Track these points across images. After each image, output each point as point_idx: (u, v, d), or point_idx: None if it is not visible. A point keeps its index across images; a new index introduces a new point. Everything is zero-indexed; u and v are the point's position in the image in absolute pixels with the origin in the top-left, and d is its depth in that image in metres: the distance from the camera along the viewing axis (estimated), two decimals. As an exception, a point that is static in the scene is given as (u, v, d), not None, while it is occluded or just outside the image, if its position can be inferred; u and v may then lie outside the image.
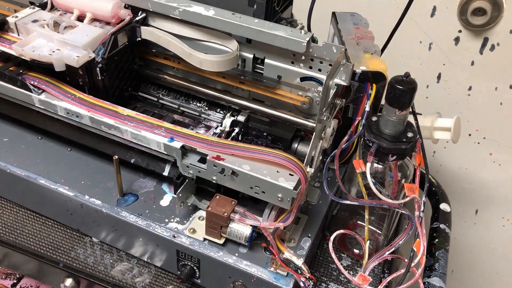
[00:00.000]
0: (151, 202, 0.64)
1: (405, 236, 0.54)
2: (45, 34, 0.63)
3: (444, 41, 0.96)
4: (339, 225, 0.69)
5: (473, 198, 1.14)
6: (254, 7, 0.65)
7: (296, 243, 0.60)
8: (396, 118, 0.55)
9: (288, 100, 0.64)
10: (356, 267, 0.66)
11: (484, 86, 0.99)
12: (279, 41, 0.59)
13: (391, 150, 0.55)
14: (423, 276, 0.65)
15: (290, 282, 0.55)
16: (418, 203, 0.54)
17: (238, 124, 0.66)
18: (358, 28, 0.72)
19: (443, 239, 0.70)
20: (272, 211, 0.56)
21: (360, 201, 0.57)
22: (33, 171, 0.66)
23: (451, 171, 1.11)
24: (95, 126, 0.61)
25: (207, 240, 0.59)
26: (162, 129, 0.58)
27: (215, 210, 0.56)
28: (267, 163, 0.54)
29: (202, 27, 0.64)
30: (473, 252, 1.23)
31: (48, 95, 0.62)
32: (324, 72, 0.62)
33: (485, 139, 1.05)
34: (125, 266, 0.64)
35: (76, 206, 0.63)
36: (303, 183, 0.52)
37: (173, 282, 0.63)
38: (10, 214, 0.70)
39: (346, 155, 0.69)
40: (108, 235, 0.65)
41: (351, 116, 0.66)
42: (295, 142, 0.64)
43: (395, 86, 0.53)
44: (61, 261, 0.64)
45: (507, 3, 0.88)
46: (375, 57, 0.65)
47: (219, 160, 0.54)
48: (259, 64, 0.66)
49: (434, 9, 0.94)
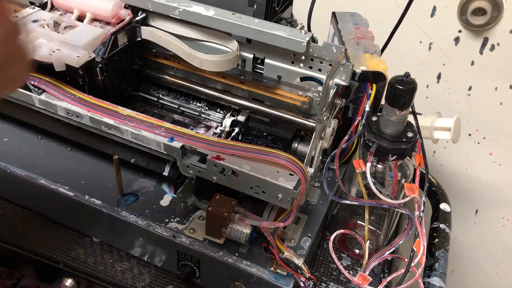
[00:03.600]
0: (151, 202, 0.64)
1: (405, 236, 0.54)
2: (45, 34, 0.63)
3: (444, 41, 0.96)
4: (339, 225, 0.69)
5: (473, 198, 1.13)
6: (254, 7, 0.65)
7: (296, 243, 0.60)
8: (396, 118, 0.55)
9: (288, 100, 0.64)
10: (356, 267, 0.66)
11: (484, 86, 0.99)
12: (279, 41, 0.59)
13: (391, 150, 0.55)
14: (423, 276, 0.65)
15: (290, 282, 0.55)
16: (418, 203, 0.54)
17: (238, 124, 0.66)
18: (358, 28, 0.72)
19: (443, 239, 0.70)
20: (272, 211, 0.56)
21: (360, 201, 0.57)
22: (33, 171, 0.66)
23: (451, 171, 1.11)
24: (95, 126, 0.61)
25: (207, 240, 0.59)
26: (162, 129, 0.58)
27: (215, 210, 0.56)
28: (267, 163, 0.54)
29: (202, 27, 0.64)
30: (473, 252, 1.23)
31: (48, 95, 0.62)
32: (324, 72, 0.62)
33: (485, 139, 1.05)
34: (125, 266, 0.64)
35: (76, 206, 0.63)
36: (303, 183, 0.52)
37: (173, 282, 0.63)
38: (10, 214, 0.70)
39: (346, 155, 0.69)
40: (108, 235, 0.65)
41: (351, 116, 0.66)
42: (295, 142, 0.64)
43: (395, 86, 0.53)
44: (61, 261, 0.64)
45: (507, 3, 0.88)
46: (375, 57, 0.65)
47: (219, 160, 0.54)
48: (259, 64, 0.66)
49: (434, 9, 0.94)
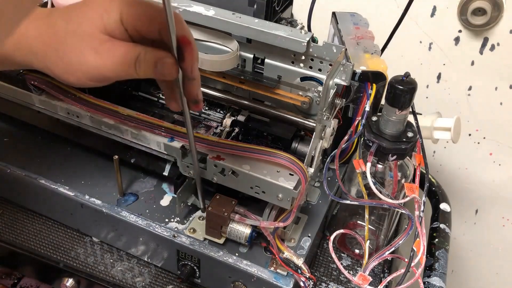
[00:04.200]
0: (151, 202, 0.64)
1: (405, 236, 0.54)
2: (45, 34, 0.63)
3: (444, 41, 0.96)
4: (339, 225, 0.69)
5: (473, 198, 1.14)
6: (254, 7, 0.65)
7: (296, 243, 0.60)
8: (396, 118, 0.55)
9: (288, 100, 0.64)
10: (356, 267, 0.66)
11: (484, 86, 0.99)
12: (279, 41, 0.59)
13: (391, 150, 0.55)
14: (423, 276, 0.65)
15: (290, 281, 0.55)
16: (418, 203, 0.54)
17: (238, 124, 0.66)
18: (358, 28, 0.72)
19: (443, 239, 0.70)
20: (272, 211, 0.56)
21: (360, 201, 0.57)
22: (33, 171, 0.66)
23: (451, 171, 1.11)
24: (95, 126, 0.61)
25: (207, 240, 0.59)
26: (162, 129, 0.58)
27: (215, 210, 0.56)
28: (267, 163, 0.54)
29: (202, 27, 0.64)
30: (473, 252, 1.23)
31: (48, 95, 0.63)
32: (324, 72, 0.62)
33: (485, 139, 1.05)
34: (125, 266, 0.64)
35: (76, 206, 0.63)
36: (303, 183, 0.52)
37: (173, 282, 0.63)
38: (10, 214, 0.70)
39: (346, 155, 0.69)
40: (108, 235, 0.65)
41: (351, 116, 0.66)
42: (295, 142, 0.64)
43: (395, 86, 0.53)
44: (61, 261, 0.64)
45: (507, 3, 0.88)
46: (375, 57, 0.65)
47: (219, 160, 0.54)
48: (259, 64, 0.66)
49: (434, 9, 0.94)
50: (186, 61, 0.41)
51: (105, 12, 0.41)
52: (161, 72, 0.41)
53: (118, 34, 0.42)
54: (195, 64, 0.42)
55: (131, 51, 0.41)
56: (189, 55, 0.41)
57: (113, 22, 0.41)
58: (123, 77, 0.42)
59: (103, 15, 0.41)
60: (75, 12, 0.42)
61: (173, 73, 0.41)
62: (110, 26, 0.41)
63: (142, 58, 0.41)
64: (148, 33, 0.42)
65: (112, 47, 0.41)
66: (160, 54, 0.41)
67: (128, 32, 0.42)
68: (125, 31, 0.42)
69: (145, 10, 0.41)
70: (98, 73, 0.41)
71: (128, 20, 0.41)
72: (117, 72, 0.41)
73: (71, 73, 0.42)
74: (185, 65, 0.41)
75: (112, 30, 0.41)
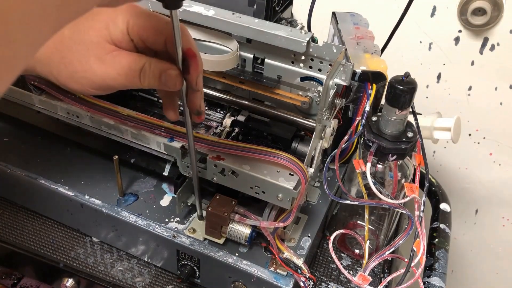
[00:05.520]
0: (151, 202, 0.64)
1: (405, 236, 0.54)
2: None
3: (444, 41, 0.97)
4: (339, 225, 0.69)
5: (473, 198, 1.14)
6: (254, 7, 0.65)
7: (296, 243, 0.60)
8: (396, 118, 0.55)
9: (288, 100, 0.64)
10: (356, 267, 0.66)
11: (484, 86, 0.99)
12: (279, 41, 0.59)
13: (391, 150, 0.55)
14: (423, 276, 0.65)
15: (290, 282, 0.55)
16: (418, 203, 0.54)
17: (238, 124, 0.66)
18: (358, 28, 0.72)
19: (443, 239, 0.70)
20: (272, 211, 0.56)
21: (360, 201, 0.57)
22: (33, 171, 0.66)
23: (451, 171, 1.11)
24: (95, 126, 0.61)
25: (207, 240, 0.59)
26: (162, 129, 0.58)
27: (215, 210, 0.56)
28: (267, 163, 0.54)
29: (202, 27, 0.64)
30: (473, 252, 1.23)
31: (48, 95, 0.63)
32: (324, 72, 0.62)
33: (485, 139, 1.05)
34: (125, 266, 0.64)
35: (76, 206, 0.63)
36: (303, 183, 0.52)
37: (173, 282, 0.63)
38: (10, 214, 0.70)
39: (346, 155, 0.69)
40: (108, 235, 0.65)
41: (351, 116, 0.66)
42: (295, 142, 0.64)
43: (395, 86, 0.53)
44: (61, 261, 0.64)
45: (507, 3, 0.88)
46: (375, 57, 0.65)
47: (219, 160, 0.54)
48: (259, 64, 0.66)
49: (434, 9, 0.94)
50: (191, 73, 0.41)
51: (111, 22, 0.41)
52: (165, 83, 0.41)
53: (124, 44, 0.42)
54: (199, 76, 0.42)
55: (136, 62, 0.41)
56: (194, 67, 0.41)
57: (119, 32, 0.41)
58: (127, 86, 0.42)
59: (109, 25, 0.41)
60: (82, 21, 0.42)
61: (177, 84, 0.41)
62: (116, 36, 0.41)
63: (147, 68, 0.41)
64: (154, 44, 0.42)
65: (117, 56, 0.41)
66: (165, 66, 0.41)
67: (134, 43, 0.42)
68: (131, 41, 0.42)
69: (151, 22, 0.42)
70: (103, 82, 0.41)
71: (134, 30, 0.42)
72: (121, 82, 0.41)
73: (76, 81, 0.42)
74: (190, 77, 0.41)
75: (118, 40, 0.41)
